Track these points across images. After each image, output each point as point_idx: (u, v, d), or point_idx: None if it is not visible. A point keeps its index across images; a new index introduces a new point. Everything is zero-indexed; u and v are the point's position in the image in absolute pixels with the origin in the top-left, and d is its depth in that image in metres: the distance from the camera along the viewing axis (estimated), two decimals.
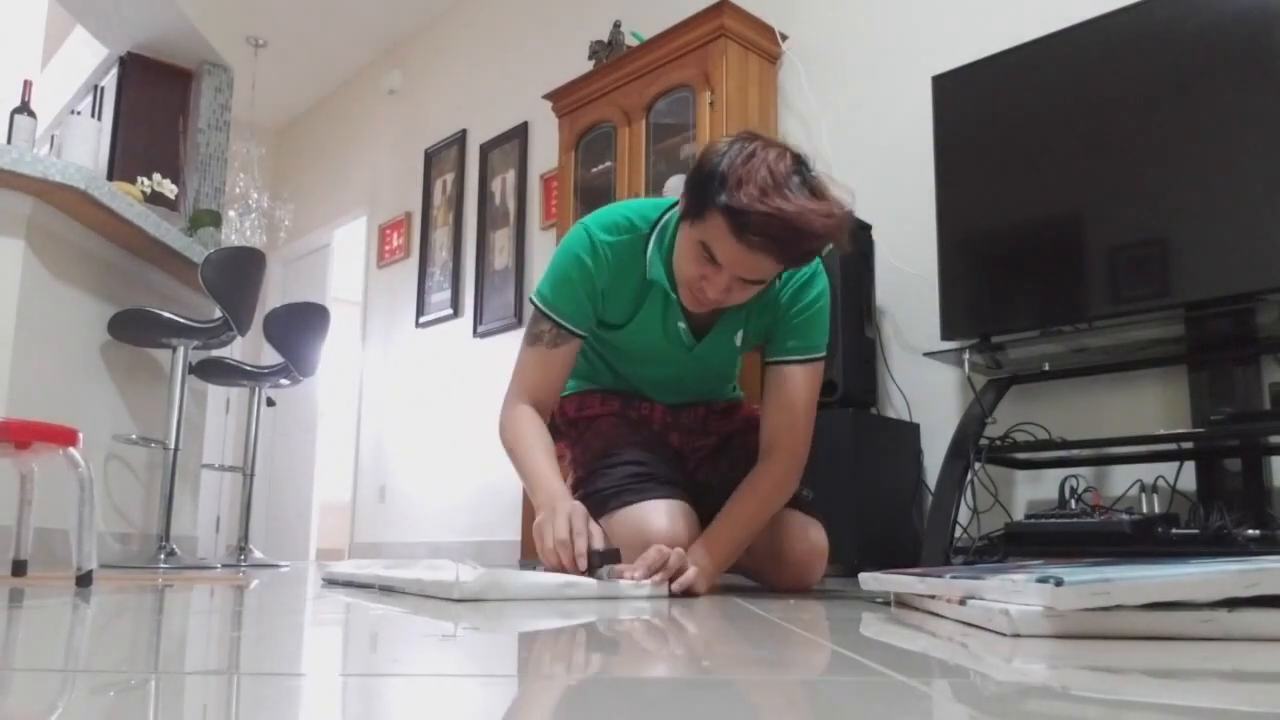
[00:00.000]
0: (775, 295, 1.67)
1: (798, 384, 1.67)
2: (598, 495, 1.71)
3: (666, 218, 1.64)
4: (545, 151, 4.65)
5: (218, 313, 3.06)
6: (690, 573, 1.45)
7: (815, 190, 1.42)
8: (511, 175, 4.92)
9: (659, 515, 1.61)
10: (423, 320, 5.37)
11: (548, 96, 4.07)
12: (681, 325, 1.67)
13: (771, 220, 1.36)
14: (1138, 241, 2.27)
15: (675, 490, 1.67)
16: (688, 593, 1.46)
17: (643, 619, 1.08)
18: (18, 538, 1.96)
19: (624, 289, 1.66)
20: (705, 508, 1.73)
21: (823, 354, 1.70)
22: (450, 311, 5.16)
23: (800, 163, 1.44)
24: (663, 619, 1.09)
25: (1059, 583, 0.83)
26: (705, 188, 1.42)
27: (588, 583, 1.37)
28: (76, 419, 2.76)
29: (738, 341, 1.71)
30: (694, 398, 1.85)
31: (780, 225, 1.37)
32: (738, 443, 1.83)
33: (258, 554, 3.76)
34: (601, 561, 1.41)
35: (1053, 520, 2.23)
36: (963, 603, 0.98)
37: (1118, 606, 0.83)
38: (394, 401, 5.54)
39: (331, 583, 1.81)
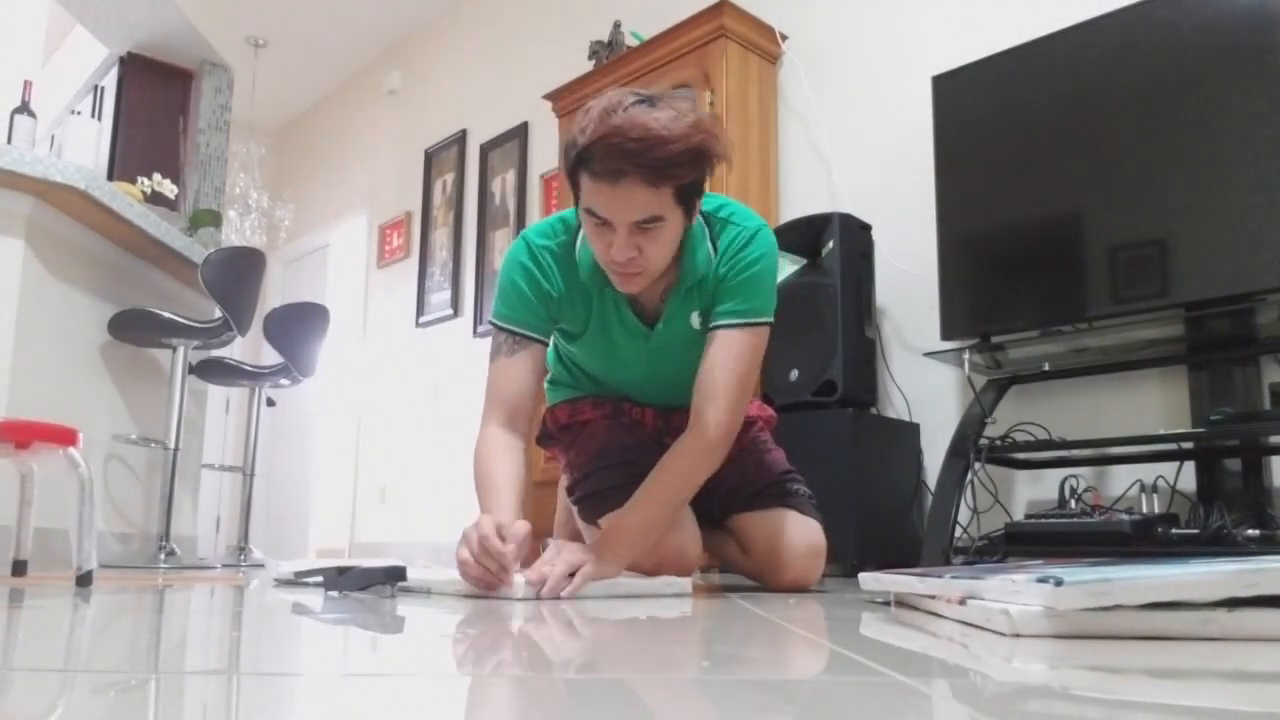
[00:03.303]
0: (715, 268, 1.59)
1: (728, 348, 1.56)
2: (596, 496, 1.71)
3: None
4: (545, 152, 4.65)
5: (218, 313, 3.06)
6: (576, 582, 1.37)
7: (658, 106, 1.40)
8: (511, 175, 4.91)
9: None
10: (423, 320, 5.37)
11: (548, 96, 4.07)
12: (630, 315, 1.63)
13: (610, 137, 1.34)
14: (1137, 241, 2.27)
15: None
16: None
17: (643, 619, 1.08)
18: (18, 538, 1.96)
19: (575, 294, 1.63)
20: (700, 508, 1.74)
21: (763, 319, 1.59)
22: (450, 311, 5.16)
23: (649, 97, 1.41)
24: (663, 619, 1.09)
25: (1059, 583, 0.83)
26: (569, 158, 1.42)
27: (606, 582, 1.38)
28: (76, 419, 2.76)
29: (695, 324, 1.63)
30: (680, 395, 1.83)
31: (620, 138, 1.34)
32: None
33: (257, 554, 3.76)
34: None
35: (1053, 520, 2.23)
36: (963, 603, 0.98)
37: (1118, 606, 0.83)
38: (394, 401, 5.54)
39: (286, 582, 1.79)
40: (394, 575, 1.39)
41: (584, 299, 1.64)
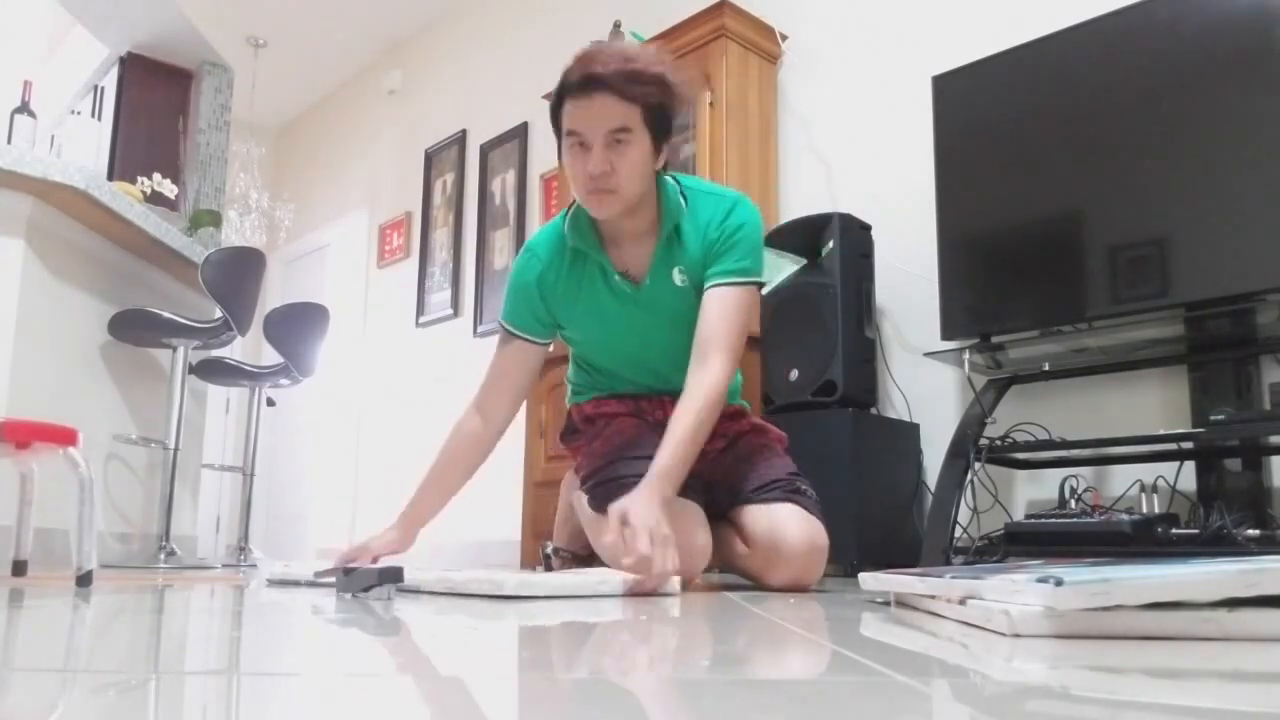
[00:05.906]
0: (699, 232, 1.74)
1: (725, 303, 1.72)
2: (614, 482, 1.73)
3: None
4: (545, 151, 4.64)
5: (218, 313, 3.06)
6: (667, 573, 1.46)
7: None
8: (511, 175, 4.91)
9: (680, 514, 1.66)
10: (423, 320, 5.37)
11: (548, 97, 4.06)
12: (617, 278, 1.77)
13: (587, 59, 1.59)
14: (1137, 241, 2.27)
15: (690, 492, 1.72)
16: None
17: (642, 618, 1.08)
18: (18, 538, 1.96)
19: (566, 276, 1.80)
20: (714, 505, 1.82)
21: (754, 278, 1.75)
22: (450, 312, 5.16)
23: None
24: (662, 618, 1.09)
25: (1059, 583, 0.83)
26: (554, 101, 1.69)
27: (590, 582, 1.38)
28: (76, 419, 2.75)
29: (678, 280, 1.76)
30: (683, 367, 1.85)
31: (596, 58, 1.58)
32: (744, 441, 1.91)
33: (257, 554, 3.76)
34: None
35: (1053, 520, 2.23)
36: (963, 603, 0.98)
37: (1118, 606, 0.83)
38: (394, 401, 5.54)
39: (280, 583, 1.79)
40: (390, 576, 1.39)
41: (575, 277, 1.80)
